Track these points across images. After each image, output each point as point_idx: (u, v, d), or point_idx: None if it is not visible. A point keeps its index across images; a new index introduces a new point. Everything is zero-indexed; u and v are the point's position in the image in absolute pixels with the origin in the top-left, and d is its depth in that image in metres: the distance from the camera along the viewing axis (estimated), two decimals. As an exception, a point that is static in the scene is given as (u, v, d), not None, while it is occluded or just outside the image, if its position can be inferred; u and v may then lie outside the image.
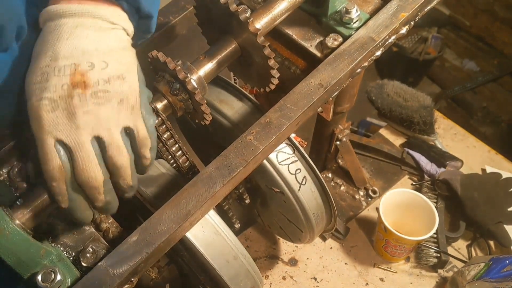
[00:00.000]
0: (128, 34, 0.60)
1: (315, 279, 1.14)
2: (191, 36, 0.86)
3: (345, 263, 1.16)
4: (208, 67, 0.69)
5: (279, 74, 0.70)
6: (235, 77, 0.85)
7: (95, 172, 0.55)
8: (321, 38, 0.77)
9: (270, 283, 1.14)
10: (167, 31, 0.81)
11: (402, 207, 1.11)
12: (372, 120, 1.63)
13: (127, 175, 0.58)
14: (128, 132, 0.57)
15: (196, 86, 0.65)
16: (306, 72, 0.73)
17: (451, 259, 1.13)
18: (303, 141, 0.87)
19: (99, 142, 0.55)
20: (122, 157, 0.56)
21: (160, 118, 0.66)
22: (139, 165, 0.60)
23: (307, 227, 0.88)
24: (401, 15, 0.75)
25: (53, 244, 0.64)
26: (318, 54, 0.76)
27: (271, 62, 0.68)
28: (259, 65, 0.70)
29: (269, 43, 0.67)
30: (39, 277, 0.57)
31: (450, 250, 1.16)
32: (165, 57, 0.64)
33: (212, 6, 0.68)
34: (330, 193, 0.84)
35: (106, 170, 0.56)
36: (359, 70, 0.74)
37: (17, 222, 0.58)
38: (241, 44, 0.70)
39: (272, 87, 0.72)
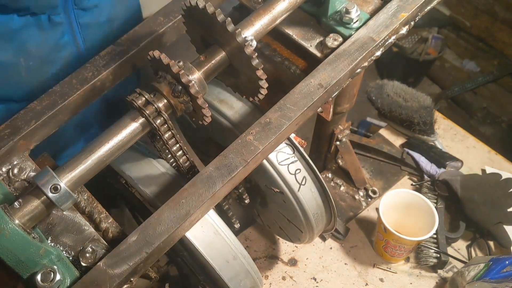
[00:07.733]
0: None
1: (315, 279, 1.14)
2: (191, 36, 0.86)
3: (345, 263, 1.16)
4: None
5: (267, 85, 0.69)
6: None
7: None
8: (321, 38, 0.77)
9: (270, 283, 1.14)
10: (167, 30, 0.81)
11: (402, 207, 1.11)
12: (372, 120, 1.63)
13: None
14: None
15: (198, 89, 0.65)
16: (306, 72, 0.73)
17: (451, 259, 1.13)
18: (303, 141, 0.87)
19: None
20: None
21: (162, 118, 0.66)
22: None
23: (307, 227, 0.88)
24: (401, 15, 0.75)
25: (52, 244, 0.64)
26: (318, 54, 0.76)
27: (259, 73, 0.66)
28: (247, 75, 0.69)
29: (257, 54, 0.65)
30: (39, 277, 0.57)
31: (450, 250, 1.16)
32: (169, 60, 0.63)
33: (200, 17, 0.67)
34: (330, 193, 0.84)
35: None
36: (359, 70, 0.74)
37: (17, 222, 0.58)
38: (228, 54, 0.68)
39: (261, 97, 0.71)
